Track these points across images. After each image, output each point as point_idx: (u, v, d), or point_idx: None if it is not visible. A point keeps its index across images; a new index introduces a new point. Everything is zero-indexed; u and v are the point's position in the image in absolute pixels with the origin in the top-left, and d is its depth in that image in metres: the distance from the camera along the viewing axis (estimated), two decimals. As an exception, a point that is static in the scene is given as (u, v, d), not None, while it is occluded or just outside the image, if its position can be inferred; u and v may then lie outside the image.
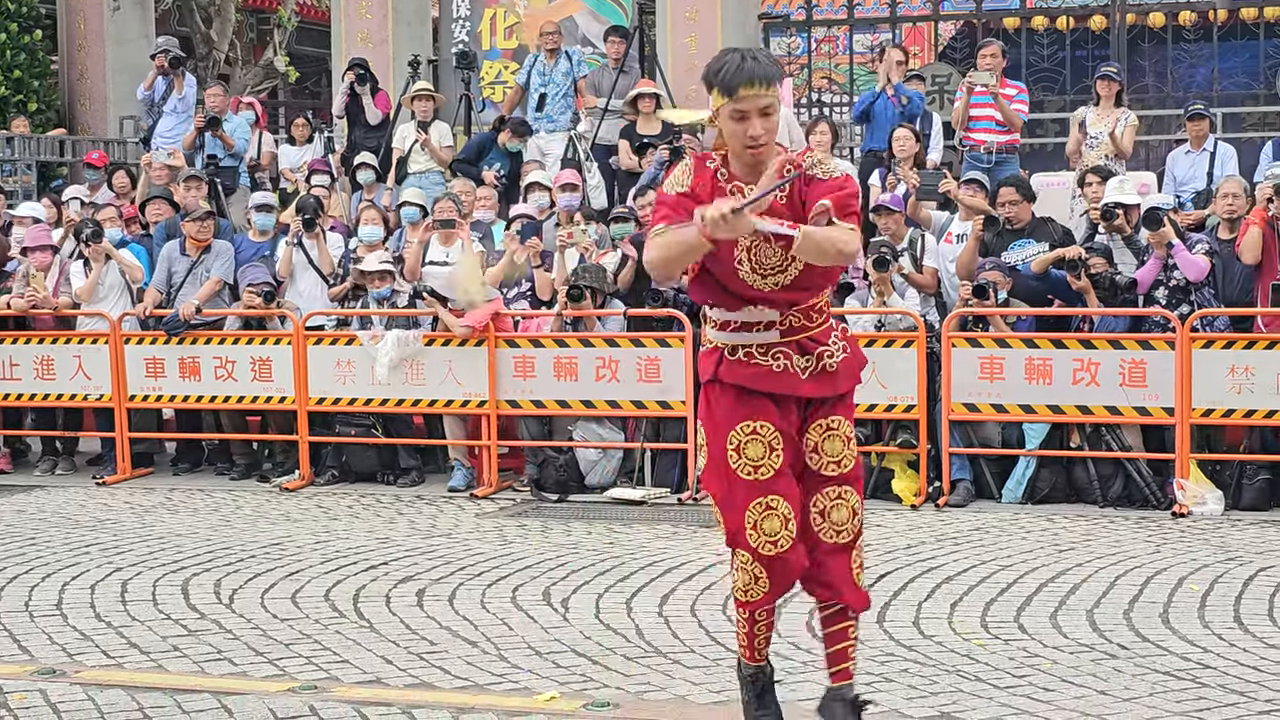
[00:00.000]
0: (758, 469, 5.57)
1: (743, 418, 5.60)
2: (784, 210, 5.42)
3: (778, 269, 5.48)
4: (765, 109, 5.35)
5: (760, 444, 5.57)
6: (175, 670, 7.27)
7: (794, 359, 5.59)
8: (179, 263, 13.46)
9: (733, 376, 5.62)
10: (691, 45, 17.12)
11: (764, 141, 5.40)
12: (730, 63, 5.38)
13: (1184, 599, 8.30)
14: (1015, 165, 14.53)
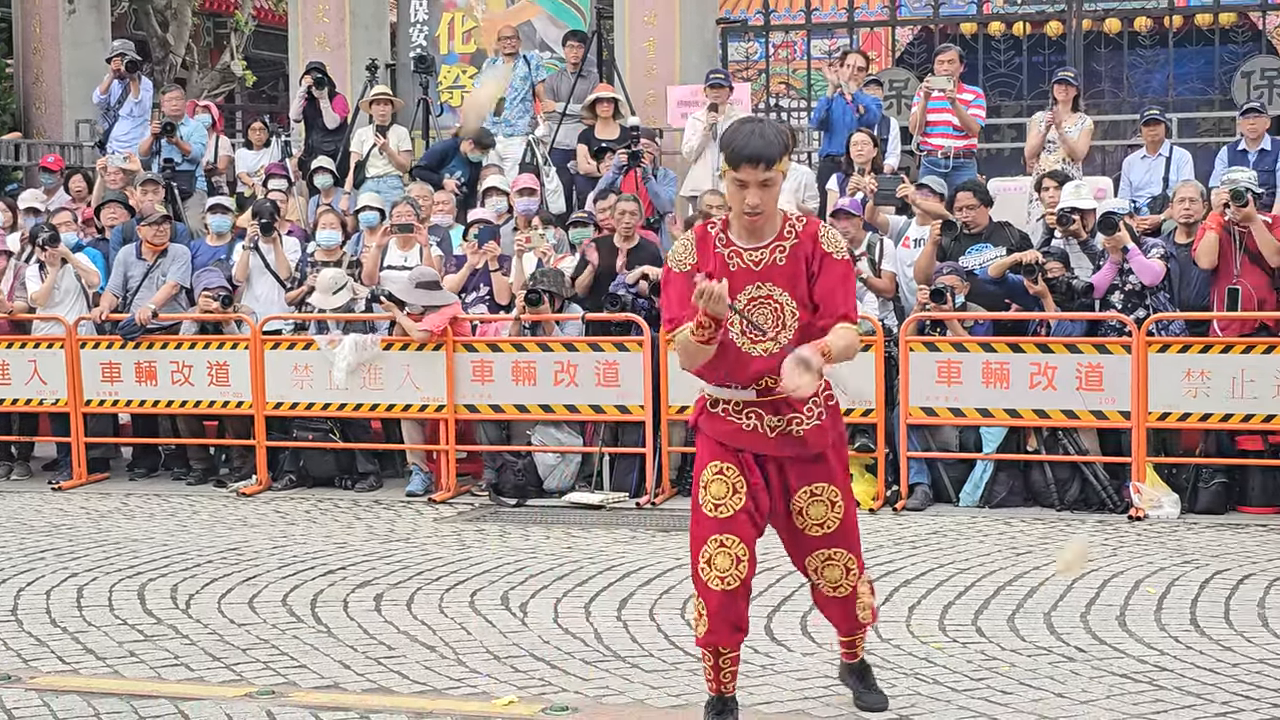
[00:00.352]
0: (718, 507, 5.87)
1: (714, 458, 5.96)
2: (786, 270, 5.76)
3: (769, 335, 5.80)
4: (765, 182, 5.66)
5: (724, 484, 5.90)
6: (132, 676, 7.23)
7: (765, 419, 5.91)
8: (135, 267, 13.40)
9: (710, 429, 6.03)
10: (650, 49, 17.13)
11: (761, 210, 5.70)
12: (739, 136, 5.67)
13: (1141, 602, 8.34)
14: (973, 170, 14.57)
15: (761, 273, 5.79)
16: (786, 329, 5.78)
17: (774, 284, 5.79)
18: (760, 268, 5.80)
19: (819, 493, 6.00)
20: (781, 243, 5.81)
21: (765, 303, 5.80)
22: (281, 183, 15.53)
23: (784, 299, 5.79)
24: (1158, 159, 13.91)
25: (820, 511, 6.01)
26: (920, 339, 11.47)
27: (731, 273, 5.76)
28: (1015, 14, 23.36)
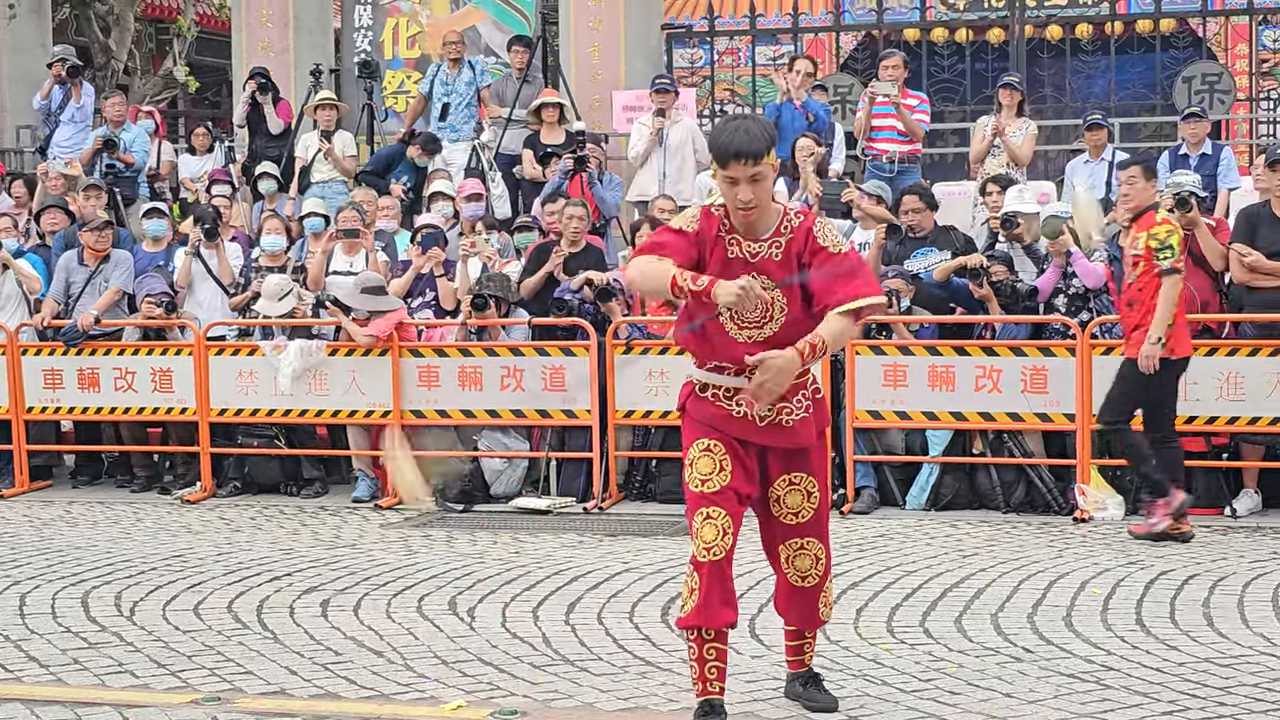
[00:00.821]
0: (705, 482, 5.99)
1: (701, 435, 6.07)
2: (779, 266, 5.90)
3: (756, 324, 5.94)
4: (754, 176, 5.77)
5: (710, 460, 6.02)
6: (76, 683, 7.17)
7: (755, 407, 5.97)
8: (77, 273, 13.30)
9: (697, 413, 6.12)
10: (595, 55, 17.13)
11: (754, 205, 5.83)
12: (724, 134, 5.81)
13: (1087, 602, 8.38)
14: (917, 175, 14.63)
15: (757, 265, 5.90)
16: (774, 321, 5.93)
17: (768, 278, 5.88)
18: (756, 260, 5.92)
19: (797, 482, 6.13)
20: (778, 238, 5.95)
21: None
22: (225, 188, 15.44)
23: (774, 293, 5.90)
24: (1100, 163, 13.98)
25: (797, 501, 6.13)
26: (866, 342, 11.49)
27: (728, 260, 5.92)
28: (958, 20, 23.50)
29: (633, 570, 9.32)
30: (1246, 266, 11.25)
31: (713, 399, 6.09)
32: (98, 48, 24.49)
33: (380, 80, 17.81)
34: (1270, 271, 11.19)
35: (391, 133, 16.71)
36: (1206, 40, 20.86)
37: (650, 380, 11.70)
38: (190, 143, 18.01)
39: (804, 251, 5.91)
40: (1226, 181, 13.56)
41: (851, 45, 24.33)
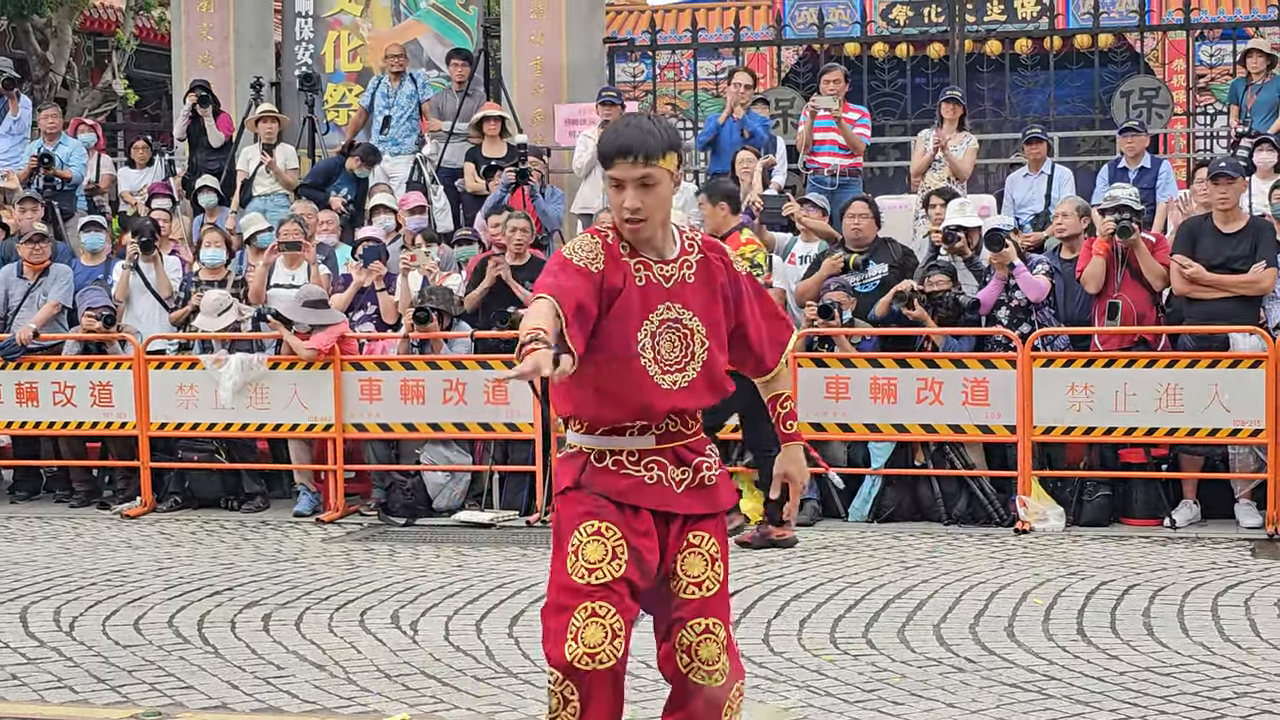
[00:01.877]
0: (593, 572, 4.76)
1: (588, 518, 4.84)
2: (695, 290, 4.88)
3: (676, 366, 4.86)
4: (643, 179, 4.73)
5: (601, 546, 4.79)
6: (14, 699, 7.10)
7: (669, 470, 4.90)
8: (16, 286, 13.22)
9: (602, 487, 4.87)
10: (536, 68, 17.13)
11: (641, 216, 4.75)
12: (613, 129, 4.83)
13: (1028, 613, 8.42)
14: (858, 188, 14.68)
15: (672, 291, 4.86)
16: (695, 360, 4.87)
17: (684, 306, 4.86)
18: (671, 285, 4.86)
19: (698, 543, 4.92)
20: (687, 257, 4.92)
21: (674, 327, 4.84)
22: (165, 202, 15.38)
23: (695, 324, 4.87)
24: (1040, 177, 14.07)
25: (697, 568, 4.90)
26: (808, 354, 11.52)
27: (640, 288, 4.83)
28: (899, 35, 23.63)
29: (576, 583, 9.29)
30: (1187, 278, 11.33)
31: (616, 467, 4.87)
32: (36, 60, 24.34)
33: (321, 93, 17.77)
34: (1210, 283, 11.28)
35: (333, 146, 16.65)
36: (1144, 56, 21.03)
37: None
38: (130, 156, 17.91)
39: (727, 282, 4.95)
40: (1165, 195, 13.67)
41: (793, 60, 24.41)
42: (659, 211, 4.81)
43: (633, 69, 21.68)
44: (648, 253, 4.87)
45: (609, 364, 4.78)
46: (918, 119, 18.71)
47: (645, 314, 4.82)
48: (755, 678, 7.17)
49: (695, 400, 4.89)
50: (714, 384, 4.91)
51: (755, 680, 7.12)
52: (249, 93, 17.08)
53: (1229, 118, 16.61)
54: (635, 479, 4.87)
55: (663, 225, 4.86)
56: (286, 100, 18.17)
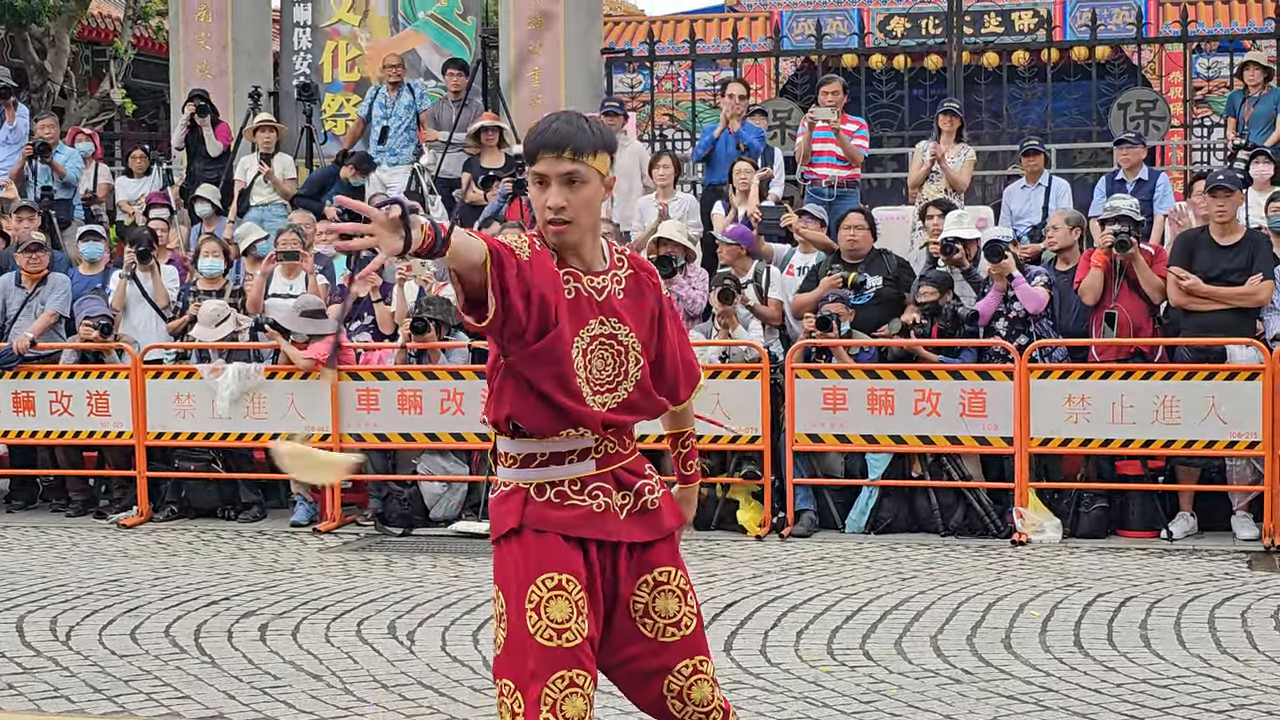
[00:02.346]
0: (562, 634, 4.30)
1: (546, 569, 4.36)
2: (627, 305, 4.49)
3: (608, 386, 4.47)
4: (569, 176, 4.30)
5: (566, 602, 4.33)
6: (11, 709, 7.10)
7: (613, 495, 4.49)
8: (13, 295, 13.21)
9: (547, 522, 4.41)
10: (535, 79, 17.15)
11: (567, 218, 4.32)
12: (540, 124, 4.41)
13: (1025, 624, 8.42)
14: (856, 199, 14.69)
15: (604, 305, 4.45)
16: (629, 379, 4.49)
17: (619, 321, 4.46)
18: (603, 298, 4.45)
19: (665, 580, 4.52)
20: (616, 271, 4.51)
21: (608, 344, 4.45)
22: (163, 211, 15.37)
23: (629, 340, 4.49)
24: (1037, 189, 14.08)
25: (672, 606, 4.50)
26: (806, 366, 11.53)
27: (570, 300, 4.39)
28: (896, 47, 23.64)
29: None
30: (1184, 290, 11.35)
31: (559, 499, 4.43)
32: (33, 69, 24.34)
33: (319, 103, 17.78)
34: (1207, 295, 11.30)
35: (330, 156, 16.64)
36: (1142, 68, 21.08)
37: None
38: (127, 165, 17.92)
39: (655, 301, 4.58)
40: (1162, 207, 13.68)
41: (790, 71, 24.43)
42: (586, 215, 4.37)
43: (631, 79, 21.67)
44: (575, 263, 4.43)
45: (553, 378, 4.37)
46: (915, 130, 18.75)
47: (576, 329, 4.40)
48: (752, 689, 7.18)
49: (631, 416, 4.54)
50: (648, 403, 4.57)
51: (752, 691, 7.13)
52: (247, 102, 17.10)
53: (1226, 130, 16.65)
54: (582, 509, 4.44)
55: (591, 233, 4.43)
56: (284, 110, 18.19)
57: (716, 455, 11.86)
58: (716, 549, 10.93)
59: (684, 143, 21.62)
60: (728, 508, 11.72)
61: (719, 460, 11.91)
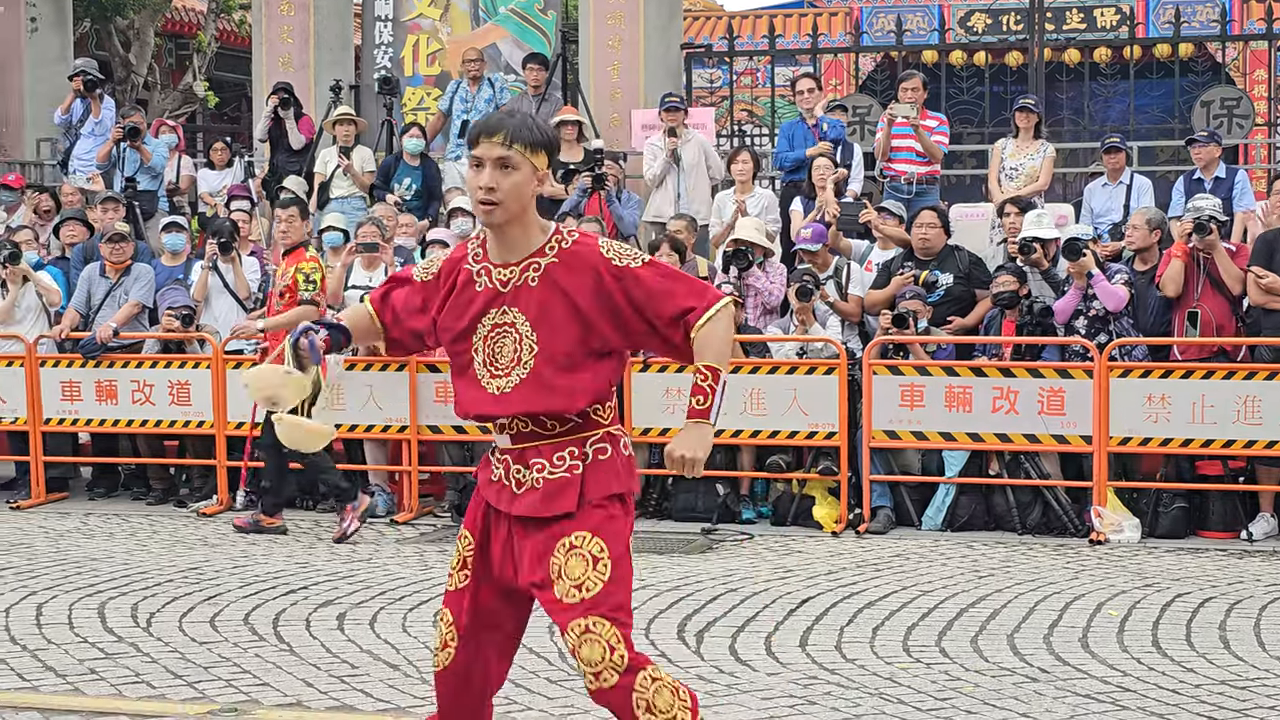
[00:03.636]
0: (450, 575, 5.08)
1: (465, 520, 5.10)
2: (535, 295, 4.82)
3: (503, 371, 4.86)
4: (502, 160, 4.72)
5: (457, 554, 5.06)
6: (93, 693, 7.18)
7: (510, 469, 4.92)
8: (98, 285, 13.34)
9: (480, 477, 5.09)
10: (614, 73, 17.18)
11: (497, 199, 4.72)
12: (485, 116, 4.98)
13: (1103, 624, 8.37)
14: (935, 196, 14.64)
15: (508, 295, 4.85)
16: (522, 365, 4.81)
17: (520, 310, 4.83)
18: (507, 289, 4.86)
19: (578, 544, 4.78)
20: (537, 260, 4.84)
21: (507, 331, 4.84)
22: (244, 203, 15.50)
23: (525, 329, 4.82)
24: (1118, 186, 13.99)
25: (577, 570, 4.75)
26: (884, 362, 11.50)
27: (480, 293, 4.88)
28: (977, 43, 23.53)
29: (649, 587, 9.31)
30: (1264, 289, 11.25)
31: (488, 461, 5.06)
32: (118, 62, 24.61)
33: (400, 97, 17.88)
34: (1288, 295, 11.21)
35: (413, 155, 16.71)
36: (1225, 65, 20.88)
37: (667, 398, 11.69)
38: (209, 158, 18.07)
39: (603, 280, 4.78)
40: (1242, 205, 13.56)
41: (870, 67, 24.36)
42: (514, 201, 4.76)
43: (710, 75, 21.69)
44: (496, 254, 4.89)
45: (454, 363, 4.98)
46: (996, 127, 18.63)
47: (479, 318, 4.89)
48: (827, 684, 7.18)
49: (523, 404, 4.82)
50: (545, 388, 4.80)
51: (827, 687, 7.13)
52: (328, 96, 17.21)
53: (1311, 128, 16.47)
54: (487, 474, 5.01)
55: (519, 219, 4.82)
56: (365, 103, 18.30)
57: (794, 451, 11.85)
58: (792, 545, 10.92)
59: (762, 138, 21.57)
60: (804, 504, 11.71)
61: (796, 456, 11.90)
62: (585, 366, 4.82)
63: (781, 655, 7.71)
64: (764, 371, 11.67)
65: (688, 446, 4.78)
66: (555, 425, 4.86)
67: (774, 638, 8.07)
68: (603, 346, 4.86)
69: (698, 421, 4.81)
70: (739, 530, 11.48)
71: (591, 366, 4.84)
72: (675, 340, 4.85)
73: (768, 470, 11.87)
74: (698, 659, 7.67)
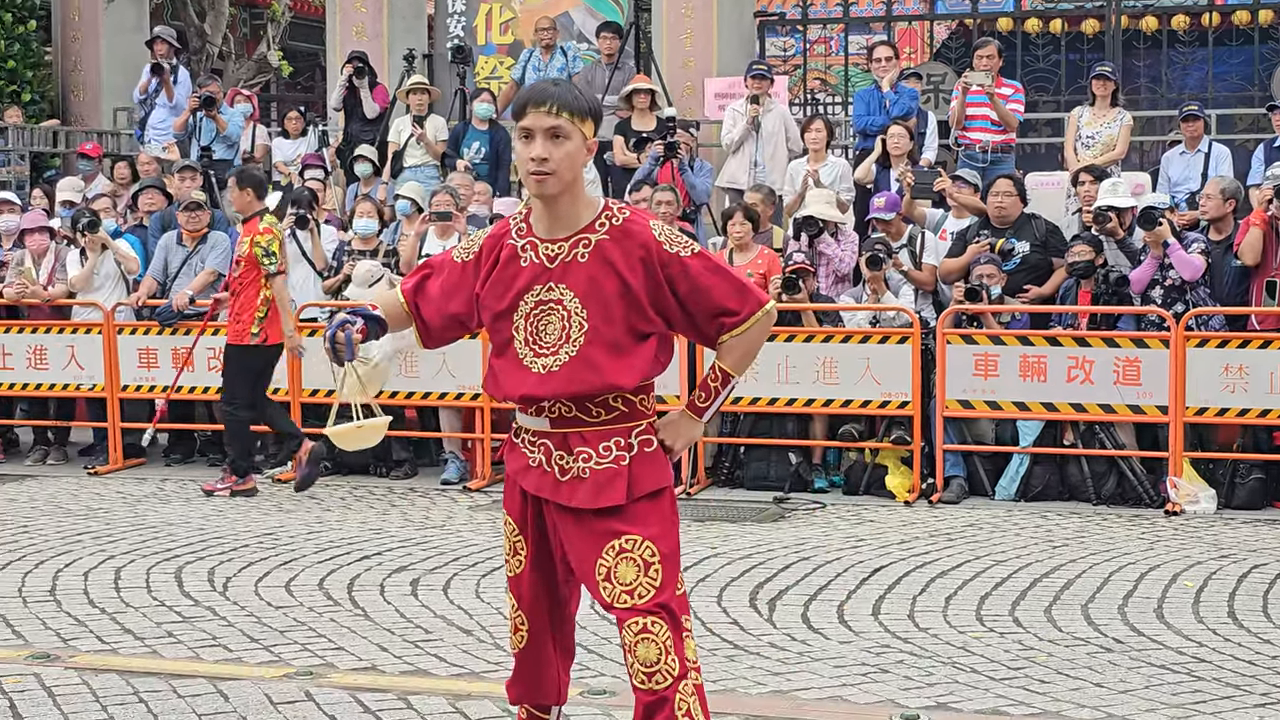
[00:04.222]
0: (507, 563, 5.06)
1: (505, 505, 5.04)
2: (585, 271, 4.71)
3: (550, 349, 4.74)
4: (553, 130, 4.61)
5: (507, 541, 5.04)
6: (170, 656, 7.26)
7: (553, 455, 4.81)
8: (175, 253, 13.44)
9: (509, 462, 4.98)
10: (687, 42, 17.15)
11: (549, 169, 4.61)
12: (531, 86, 4.77)
13: (1178, 594, 8.31)
14: (1010, 165, 14.55)
15: (555, 272, 4.73)
16: (571, 343, 4.69)
17: (567, 286, 4.71)
18: (554, 265, 4.73)
19: (629, 549, 4.72)
20: (587, 236, 4.72)
21: (553, 308, 4.72)
22: (318, 172, 15.57)
23: (573, 305, 4.70)
24: (1196, 155, 13.87)
25: (629, 575, 4.70)
26: (957, 331, 11.44)
27: (521, 269, 4.77)
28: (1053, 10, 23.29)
29: (720, 555, 9.33)
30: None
31: (521, 443, 4.91)
32: (193, 32, 24.72)
33: (473, 65, 17.91)
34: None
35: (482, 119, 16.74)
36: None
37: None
38: (284, 126, 18.15)
39: (648, 260, 4.68)
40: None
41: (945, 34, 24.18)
42: (567, 170, 4.66)
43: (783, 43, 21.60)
44: (542, 229, 4.77)
45: (498, 340, 4.85)
46: (1072, 95, 18.48)
47: (522, 293, 4.76)
48: (900, 654, 7.17)
49: (570, 385, 4.71)
50: (593, 368, 4.70)
51: (900, 656, 7.12)
52: (401, 65, 17.25)
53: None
54: (525, 459, 4.88)
55: (571, 192, 4.72)
56: (438, 72, 18.35)
57: (867, 420, 11.82)
58: (865, 514, 10.90)
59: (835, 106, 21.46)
60: (877, 473, 11.68)
61: (869, 425, 11.88)
62: (632, 349, 4.73)
63: (854, 624, 7.70)
64: (837, 340, 11.64)
65: (674, 436, 4.86)
66: (600, 412, 4.77)
67: (846, 606, 8.06)
68: (646, 328, 4.75)
69: (691, 417, 4.90)
70: (811, 499, 11.47)
71: (637, 349, 4.74)
72: (709, 333, 4.81)
73: (840, 439, 11.85)
74: (770, 627, 7.67)
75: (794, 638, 7.45)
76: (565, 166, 4.63)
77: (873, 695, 6.53)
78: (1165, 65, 20.65)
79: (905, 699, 6.48)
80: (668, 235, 4.73)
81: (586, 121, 4.67)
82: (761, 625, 7.70)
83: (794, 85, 20.02)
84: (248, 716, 6.30)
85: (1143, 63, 21.88)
